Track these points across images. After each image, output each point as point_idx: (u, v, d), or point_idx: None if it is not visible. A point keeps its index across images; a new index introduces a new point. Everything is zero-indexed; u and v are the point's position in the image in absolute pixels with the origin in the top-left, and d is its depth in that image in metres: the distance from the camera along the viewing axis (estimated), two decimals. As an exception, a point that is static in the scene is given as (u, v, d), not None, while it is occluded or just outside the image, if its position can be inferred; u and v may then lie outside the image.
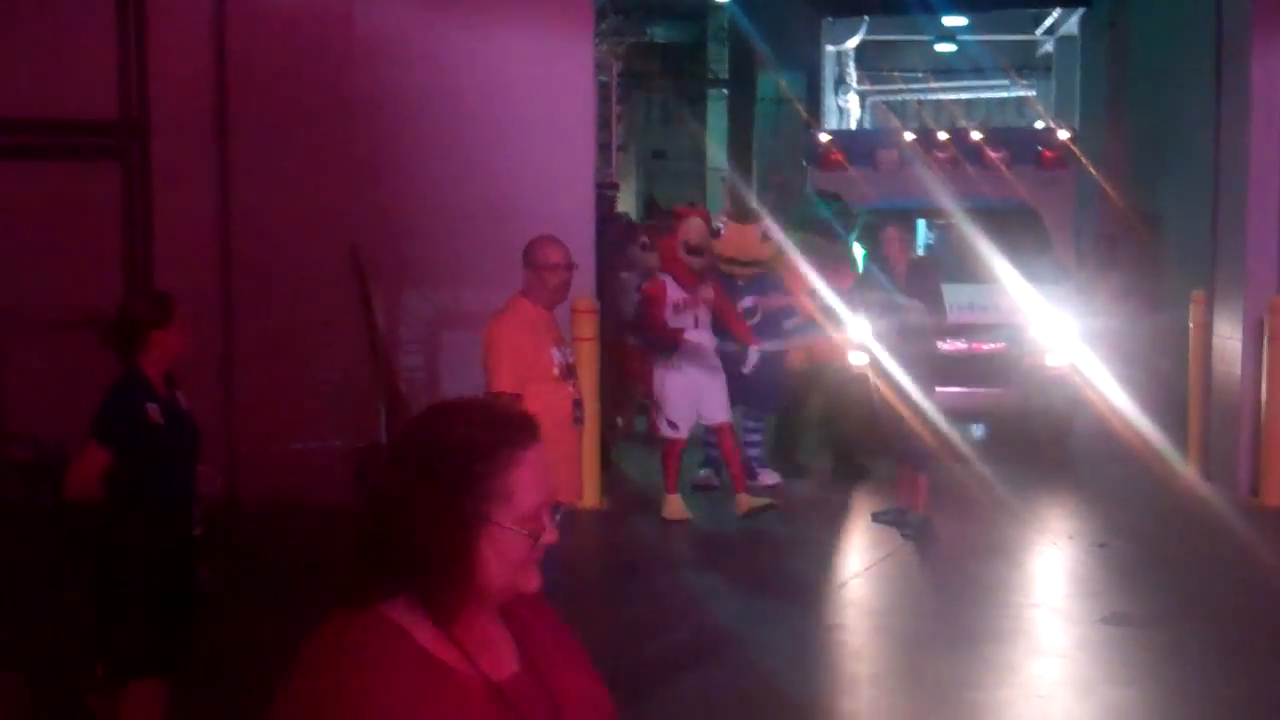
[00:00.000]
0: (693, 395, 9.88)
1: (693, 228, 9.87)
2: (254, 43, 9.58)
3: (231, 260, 9.54)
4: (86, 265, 8.79)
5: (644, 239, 12.97)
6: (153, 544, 5.25)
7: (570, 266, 6.33)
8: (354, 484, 9.18)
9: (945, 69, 32.90)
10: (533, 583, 2.12)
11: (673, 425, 9.96)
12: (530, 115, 10.31)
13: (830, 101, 29.05)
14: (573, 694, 2.17)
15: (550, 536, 2.11)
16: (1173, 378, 12.44)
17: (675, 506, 9.93)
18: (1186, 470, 11.28)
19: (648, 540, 9.68)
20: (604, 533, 9.85)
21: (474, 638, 2.08)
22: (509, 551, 2.06)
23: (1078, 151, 15.48)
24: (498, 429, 2.07)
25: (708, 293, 9.95)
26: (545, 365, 6.16)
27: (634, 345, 12.02)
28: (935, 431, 9.60)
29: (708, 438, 10.69)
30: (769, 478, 11.00)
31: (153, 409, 5.38)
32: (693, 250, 9.80)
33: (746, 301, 10.64)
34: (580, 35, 10.53)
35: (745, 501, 9.86)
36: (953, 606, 8.08)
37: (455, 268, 10.10)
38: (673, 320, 9.84)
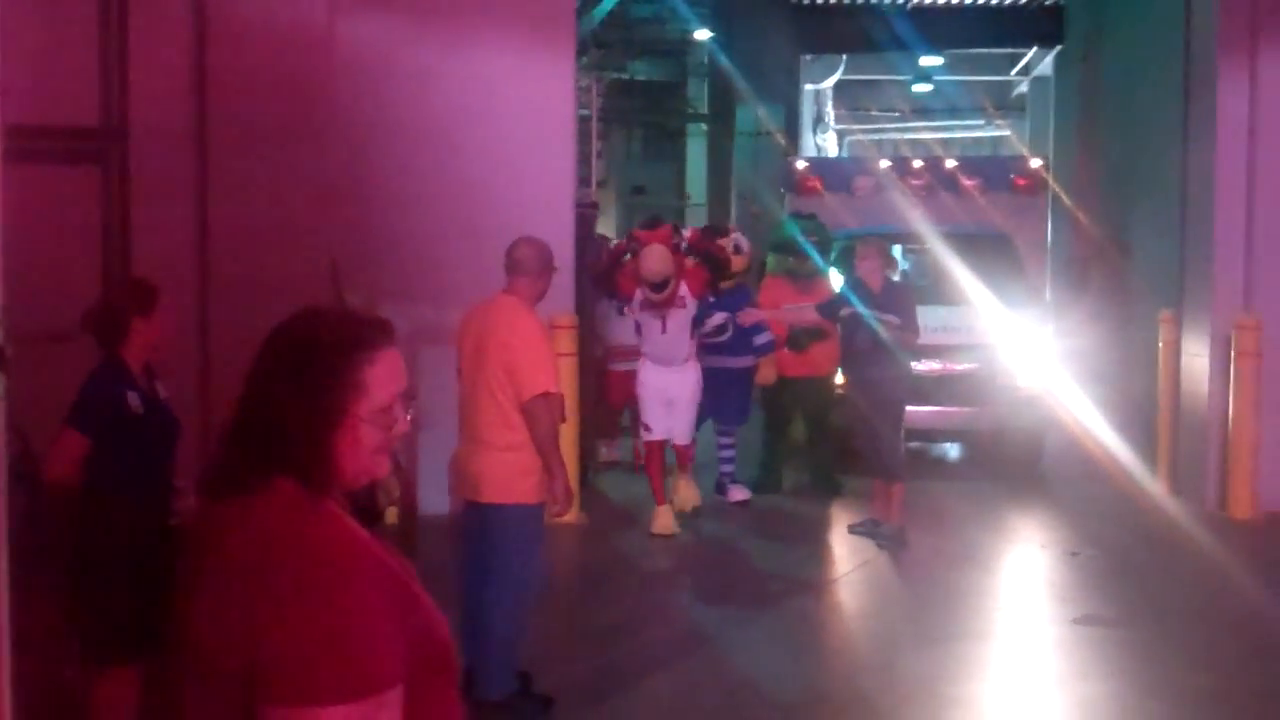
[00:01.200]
0: (665, 399, 9.99)
1: (651, 260, 9.76)
2: (235, 57, 9.64)
3: (209, 271, 9.56)
4: (65, 272, 8.82)
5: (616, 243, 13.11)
6: (130, 532, 5.29)
7: None
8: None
9: (922, 109, 33.22)
10: (384, 468, 2.35)
11: (647, 428, 10.11)
12: (511, 134, 10.40)
13: (809, 139, 29.29)
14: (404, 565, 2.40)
15: (402, 426, 2.33)
16: (1142, 397, 12.59)
17: (664, 520, 9.92)
18: (1156, 485, 11.44)
19: (626, 552, 9.74)
20: (584, 546, 9.91)
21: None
22: (364, 440, 2.28)
23: (1050, 178, 15.67)
24: (356, 330, 2.31)
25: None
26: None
27: (616, 371, 12.12)
28: (910, 446, 9.72)
29: (725, 453, 10.98)
30: (739, 494, 11.08)
31: (132, 397, 5.43)
32: (655, 287, 9.75)
33: (717, 318, 10.73)
34: (562, 55, 10.64)
35: (664, 521, 9.91)
36: (927, 610, 8.17)
37: (432, 284, 10.15)
38: (639, 316, 10.01)
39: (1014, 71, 28.78)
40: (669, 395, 10.02)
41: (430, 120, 10.28)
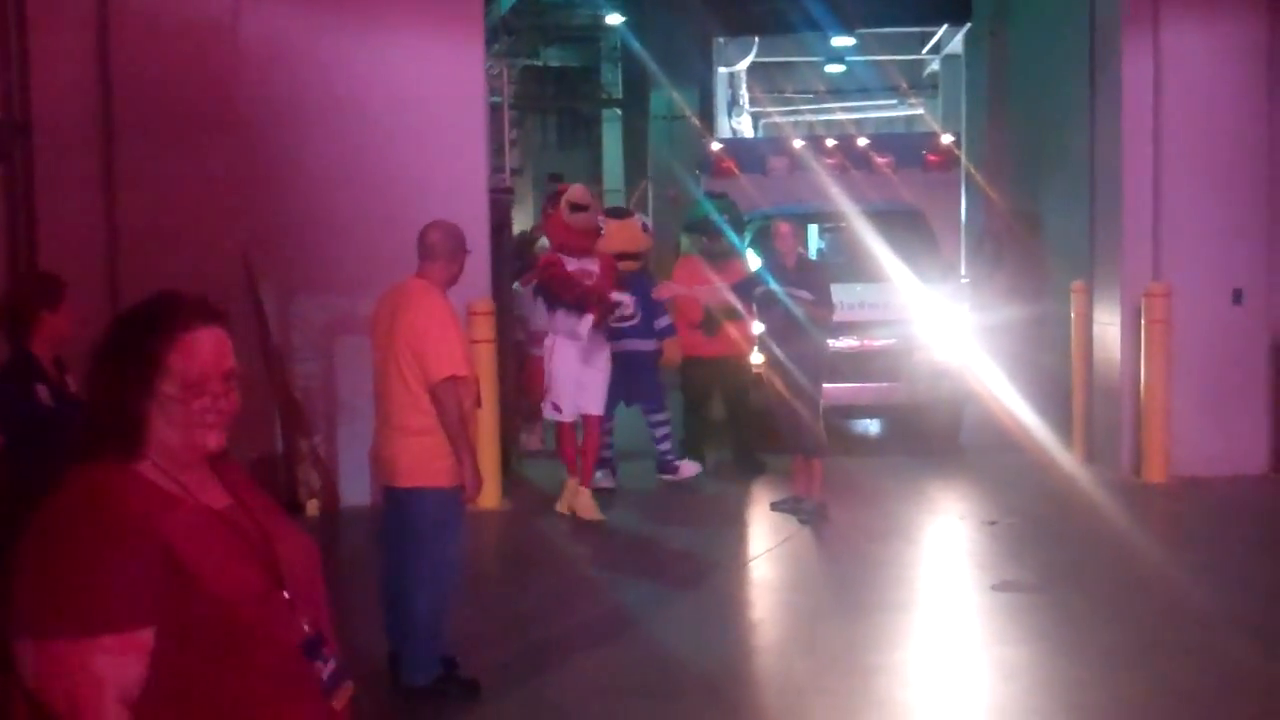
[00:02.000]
0: (576, 379, 9.99)
1: (575, 188, 10.24)
2: (138, 47, 9.50)
3: (118, 265, 9.43)
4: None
5: (539, 234, 13.02)
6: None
7: None
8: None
9: (836, 90, 33.40)
10: (210, 441, 2.52)
11: (556, 408, 10.09)
12: (422, 122, 10.34)
13: (724, 122, 29.36)
14: (281, 531, 2.64)
15: (227, 404, 2.51)
16: (1057, 368, 12.78)
17: (586, 501, 9.94)
18: (1071, 453, 11.64)
19: (548, 536, 9.75)
20: (507, 531, 9.91)
21: (193, 479, 2.52)
22: (175, 415, 2.48)
23: (962, 155, 15.84)
24: (164, 310, 2.52)
25: (594, 268, 10.01)
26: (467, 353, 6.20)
27: (539, 356, 12.09)
28: (827, 422, 9.81)
29: (659, 445, 10.94)
30: (690, 469, 11.14)
31: (42, 391, 5.38)
32: (577, 207, 10.00)
33: (625, 301, 10.72)
34: (470, 40, 10.58)
35: (583, 501, 9.94)
36: (849, 582, 8.26)
37: (348, 274, 10.07)
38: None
39: (925, 50, 29.02)
40: (580, 375, 10.00)
41: (340, 109, 10.20)
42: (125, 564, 2.34)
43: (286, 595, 2.54)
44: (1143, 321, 10.62)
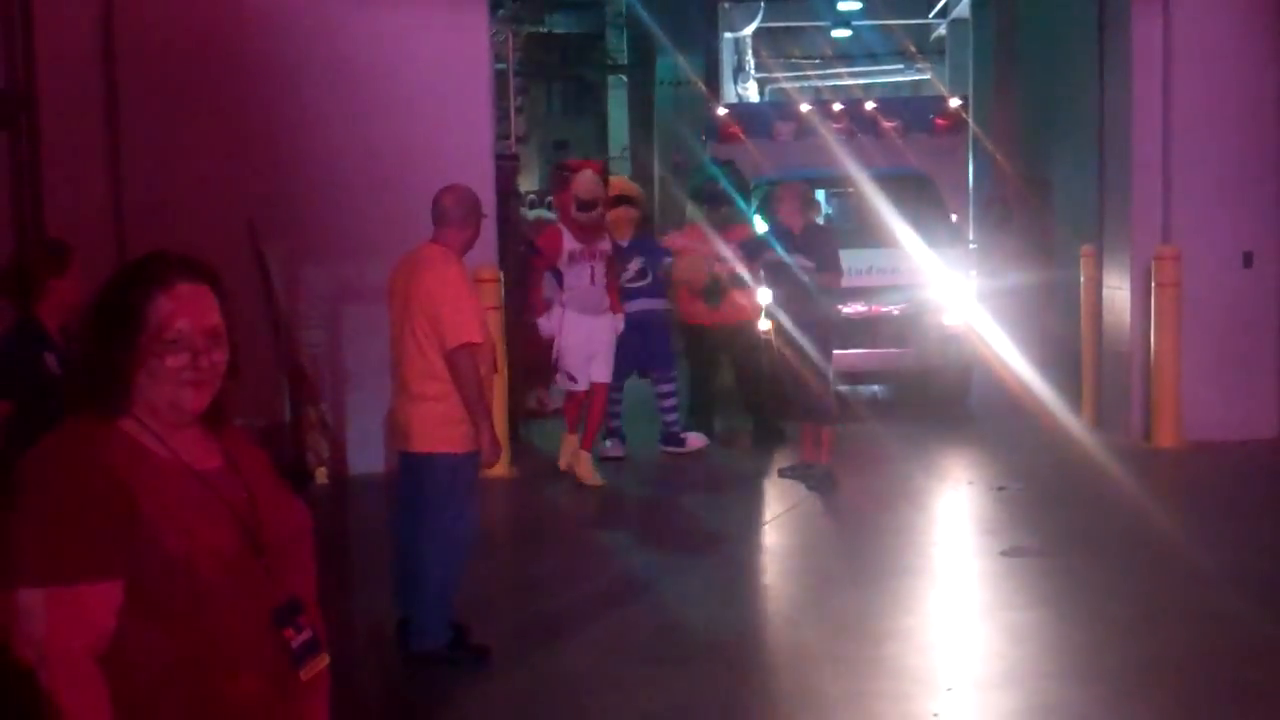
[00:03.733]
0: (587, 350, 9.97)
1: (583, 180, 9.97)
2: (143, 18, 9.48)
3: (125, 235, 9.43)
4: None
5: (530, 195, 12.91)
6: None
7: None
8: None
9: (843, 55, 33.26)
10: (191, 398, 2.51)
11: (571, 379, 10.06)
12: (427, 89, 10.29)
13: (730, 89, 29.25)
14: (271, 498, 2.62)
15: (207, 359, 2.49)
16: (1065, 332, 12.74)
17: (587, 465, 9.90)
18: (1081, 418, 11.59)
19: (557, 503, 9.76)
20: (515, 498, 9.91)
21: (181, 439, 2.52)
22: (157, 371, 2.48)
23: (969, 119, 15.76)
24: (153, 267, 2.51)
25: (605, 245, 10.07)
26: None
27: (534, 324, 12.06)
28: (837, 389, 9.79)
29: (611, 408, 10.84)
30: (697, 441, 11.11)
31: (50, 359, 5.37)
32: (583, 205, 9.90)
33: (635, 262, 10.74)
34: (475, 6, 10.53)
35: (583, 465, 9.91)
36: (858, 548, 8.26)
37: (354, 241, 10.06)
38: (567, 271, 9.95)
39: (932, 14, 28.85)
40: (590, 348, 9.99)
41: (345, 77, 10.16)
42: (94, 516, 2.36)
43: (264, 562, 2.52)
44: (1152, 285, 10.57)
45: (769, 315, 10.19)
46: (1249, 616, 6.74)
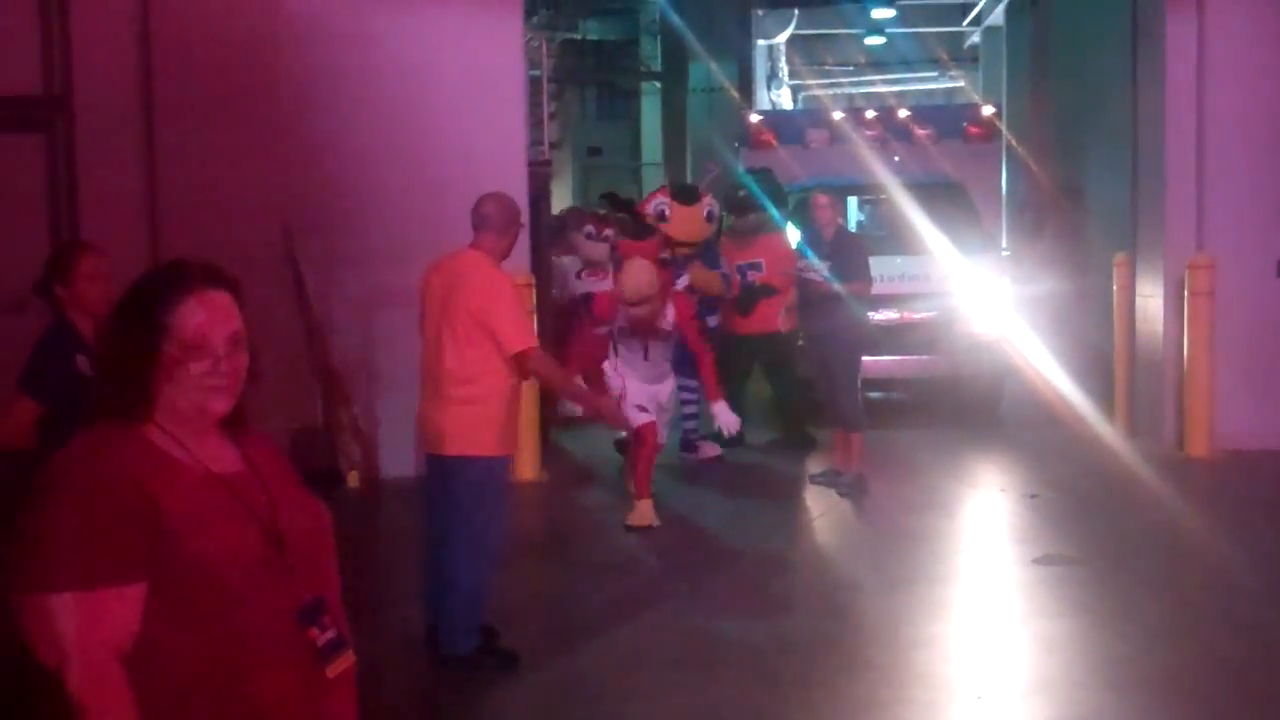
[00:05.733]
0: (648, 393, 9.21)
1: (631, 276, 8.72)
2: (180, 22, 9.55)
3: (159, 240, 9.49)
4: (11, 242, 8.72)
5: (589, 228, 12.64)
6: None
7: None
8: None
9: (876, 62, 33.20)
10: (214, 404, 2.54)
11: (642, 409, 9.05)
12: (462, 95, 10.34)
13: (763, 95, 29.25)
14: (292, 499, 2.64)
15: (230, 364, 2.52)
16: (1098, 340, 12.68)
17: (644, 510, 8.93)
18: (1114, 427, 11.54)
19: (587, 508, 9.77)
20: (545, 503, 9.92)
21: (202, 444, 2.55)
22: (179, 376, 2.51)
23: (1003, 126, 15.69)
24: (173, 275, 2.54)
25: (666, 325, 9.11)
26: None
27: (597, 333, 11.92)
28: (869, 396, 9.75)
29: (685, 423, 10.87)
30: (710, 450, 11.07)
31: (82, 361, 5.38)
32: (634, 305, 8.83)
33: (684, 280, 10.68)
34: (509, 13, 10.57)
35: (644, 513, 8.93)
36: (889, 555, 8.23)
37: (387, 246, 10.09)
38: (621, 340, 9.25)
39: (966, 22, 28.78)
40: (651, 390, 9.25)
41: (380, 82, 10.21)
42: (115, 519, 2.38)
43: (287, 562, 2.55)
44: (1186, 294, 10.52)
45: (801, 322, 10.18)
46: (1283, 626, 6.70)
